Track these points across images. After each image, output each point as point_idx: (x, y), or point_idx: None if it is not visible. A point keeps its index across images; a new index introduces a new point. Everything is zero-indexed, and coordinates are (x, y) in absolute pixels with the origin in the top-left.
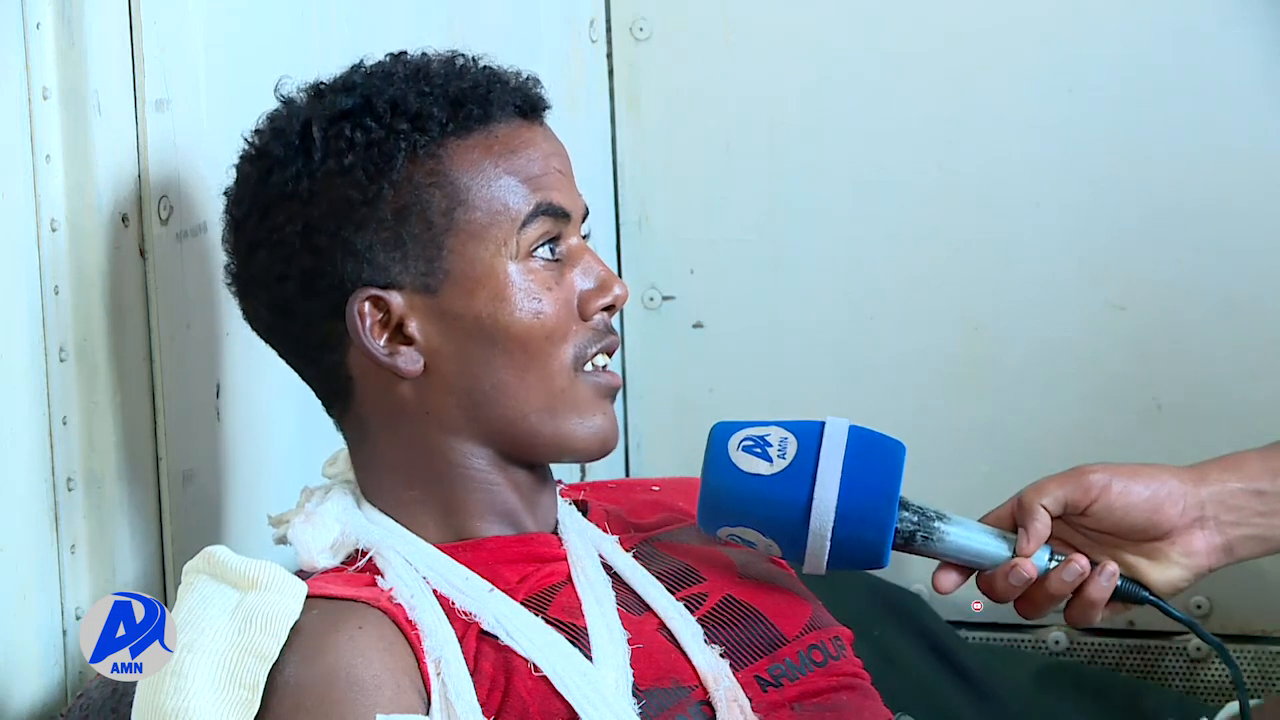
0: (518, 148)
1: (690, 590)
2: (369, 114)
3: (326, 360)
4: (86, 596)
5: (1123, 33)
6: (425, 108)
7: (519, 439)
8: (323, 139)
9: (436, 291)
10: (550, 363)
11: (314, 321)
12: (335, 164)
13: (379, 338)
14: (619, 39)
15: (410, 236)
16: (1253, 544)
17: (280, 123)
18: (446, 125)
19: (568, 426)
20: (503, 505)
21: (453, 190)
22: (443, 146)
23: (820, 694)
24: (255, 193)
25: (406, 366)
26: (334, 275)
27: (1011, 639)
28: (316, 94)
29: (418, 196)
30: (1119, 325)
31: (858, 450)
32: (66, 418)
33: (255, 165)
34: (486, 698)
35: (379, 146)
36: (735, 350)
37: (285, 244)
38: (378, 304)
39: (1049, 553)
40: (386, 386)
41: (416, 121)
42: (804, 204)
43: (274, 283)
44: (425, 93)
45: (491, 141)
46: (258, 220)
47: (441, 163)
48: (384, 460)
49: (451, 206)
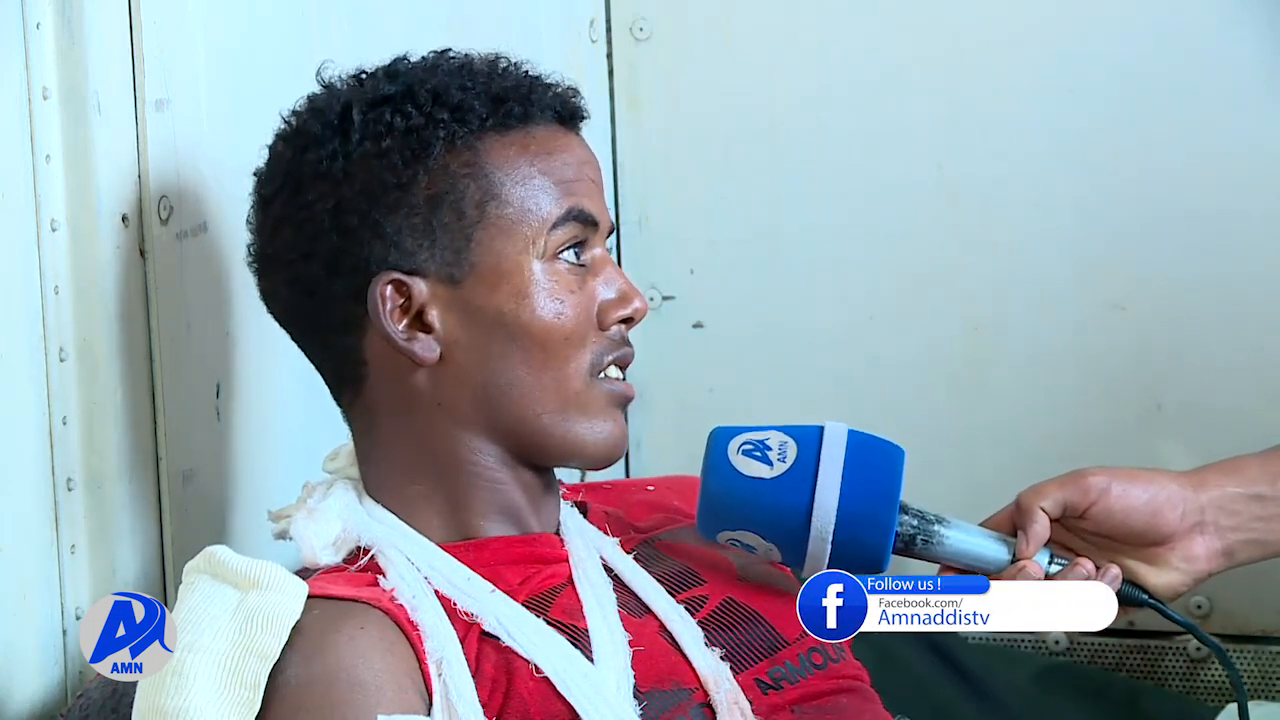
0: (554, 150)
1: (691, 593)
2: (410, 101)
3: (342, 344)
4: (86, 596)
5: (1123, 33)
6: (467, 100)
7: (529, 438)
8: (362, 121)
9: (460, 282)
10: (566, 365)
11: (334, 302)
12: (372, 146)
13: (398, 322)
14: (619, 39)
15: (440, 225)
16: (1252, 548)
17: (320, 103)
18: (486, 120)
19: (578, 430)
20: (508, 504)
21: (487, 183)
22: (481, 139)
23: (820, 697)
24: (288, 169)
25: (423, 353)
26: (360, 256)
27: (1011, 639)
28: (358, 80)
29: (452, 185)
30: (1119, 325)
31: (857, 454)
32: (66, 418)
33: (291, 143)
34: (488, 699)
35: (417, 133)
36: (735, 350)
37: (314, 221)
38: (400, 289)
39: (1049, 556)
40: (400, 374)
41: (457, 112)
42: (804, 204)
43: (298, 260)
44: (468, 87)
45: (529, 141)
46: (288, 196)
47: (478, 155)
48: (390, 452)
49: (484, 199)
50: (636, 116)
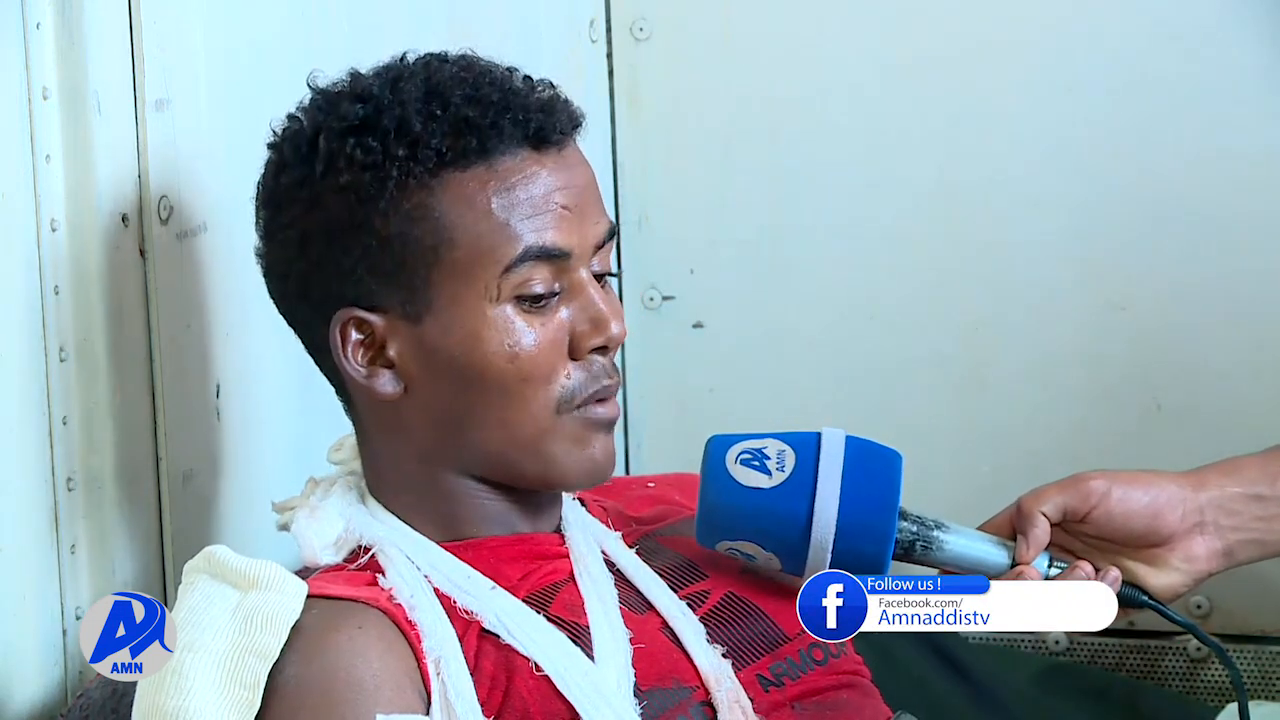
0: (516, 184)
1: (692, 588)
2: (371, 132)
3: (325, 362)
4: (86, 596)
5: (1123, 33)
6: (425, 135)
7: (503, 470)
8: (326, 151)
9: (419, 320)
10: (528, 405)
11: (311, 324)
12: (333, 181)
13: (360, 359)
14: (619, 39)
15: (396, 264)
16: (1252, 548)
17: (296, 124)
18: (445, 154)
19: (555, 461)
20: (497, 514)
21: (438, 227)
22: (437, 178)
23: (821, 692)
24: (271, 186)
25: (383, 389)
26: (325, 289)
27: (1011, 639)
28: (336, 95)
29: (404, 228)
30: (1119, 325)
31: (856, 461)
32: (66, 418)
33: (272, 161)
34: (487, 697)
35: (374, 170)
36: (735, 350)
37: (289, 244)
38: (360, 326)
39: (1048, 559)
40: (373, 400)
41: (414, 148)
42: (804, 204)
43: (279, 278)
44: (435, 115)
45: (489, 176)
46: (270, 215)
47: (433, 194)
48: (381, 463)
49: (436, 243)
50: (636, 116)
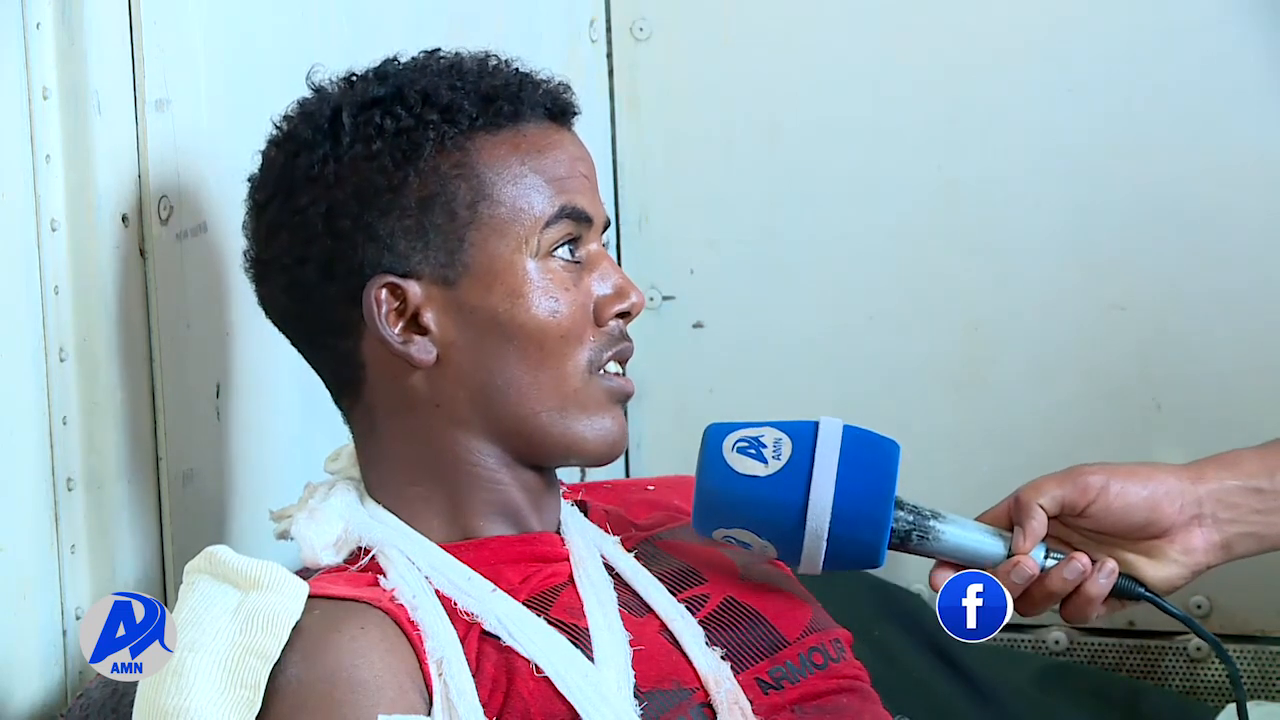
0: (545, 148)
1: (692, 591)
2: (400, 103)
3: (340, 347)
4: (86, 596)
5: (1123, 33)
6: (456, 100)
7: (528, 437)
8: (352, 125)
9: (454, 284)
10: (564, 363)
11: (330, 306)
12: (363, 149)
13: (394, 326)
14: (619, 39)
15: (432, 226)
16: (1250, 541)
17: (310, 107)
18: (476, 119)
19: (577, 428)
20: (508, 504)
21: (478, 184)
22: (471, 140)
23: (821, 696)
24: (280, 174)
25: (419, 356)
26: (354, 260)
27: (1011, 639)
28: (348, 82)
29: (443, 187)
30: (1119, 325)
31: (852, 450)
32: (66, 418)
33: (282, 148)
34: (488, 699)
35: (408, 134)
36: (735, 350)
37: (307, 226)
38: (395, 292)
39: (1044, 550)
40: (398, 376)
41: (446, 113)
42: (804, 204)
43: (293, 265)
44: (457, 87)
45: (520, 140)
46: (282, 201)
47: (469, 155)
48: (390, 454)
49: (476, 200)
50: (636, 116)
